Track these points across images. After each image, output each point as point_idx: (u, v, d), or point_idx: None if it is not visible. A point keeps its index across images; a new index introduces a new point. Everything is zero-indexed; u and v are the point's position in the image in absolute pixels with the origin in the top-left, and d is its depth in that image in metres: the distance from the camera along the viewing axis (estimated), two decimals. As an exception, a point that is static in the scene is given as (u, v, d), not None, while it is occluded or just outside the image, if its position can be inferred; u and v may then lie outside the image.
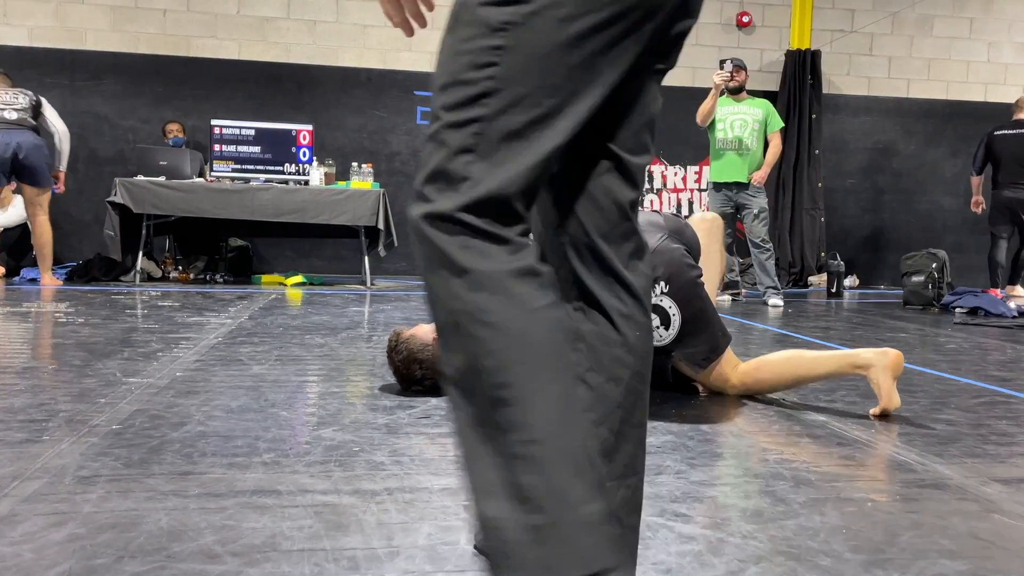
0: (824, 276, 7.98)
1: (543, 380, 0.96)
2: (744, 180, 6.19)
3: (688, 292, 2.47)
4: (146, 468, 1.74)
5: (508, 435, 0.95)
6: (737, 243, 6.58)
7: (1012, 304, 5.65)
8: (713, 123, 6.27)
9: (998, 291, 6.58)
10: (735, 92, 6.24)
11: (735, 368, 2.58)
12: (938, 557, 1.39)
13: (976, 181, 7.18)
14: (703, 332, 2.50)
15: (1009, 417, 2.50)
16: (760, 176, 6.16)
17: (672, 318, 2.47)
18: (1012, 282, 7.30)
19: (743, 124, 6.20)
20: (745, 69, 6.29)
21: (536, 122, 0.93)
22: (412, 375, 2.53)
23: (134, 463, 1.77)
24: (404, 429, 2.14)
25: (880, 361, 2.39)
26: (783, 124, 6.33)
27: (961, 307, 5.77)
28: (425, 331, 2.54)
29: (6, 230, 6.88)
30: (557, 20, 0.91)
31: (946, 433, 2.27)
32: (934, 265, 6.28)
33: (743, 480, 1.79)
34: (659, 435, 2.14)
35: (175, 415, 2.21)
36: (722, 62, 6.18)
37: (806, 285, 8.32)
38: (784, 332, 4.43)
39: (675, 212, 2.65)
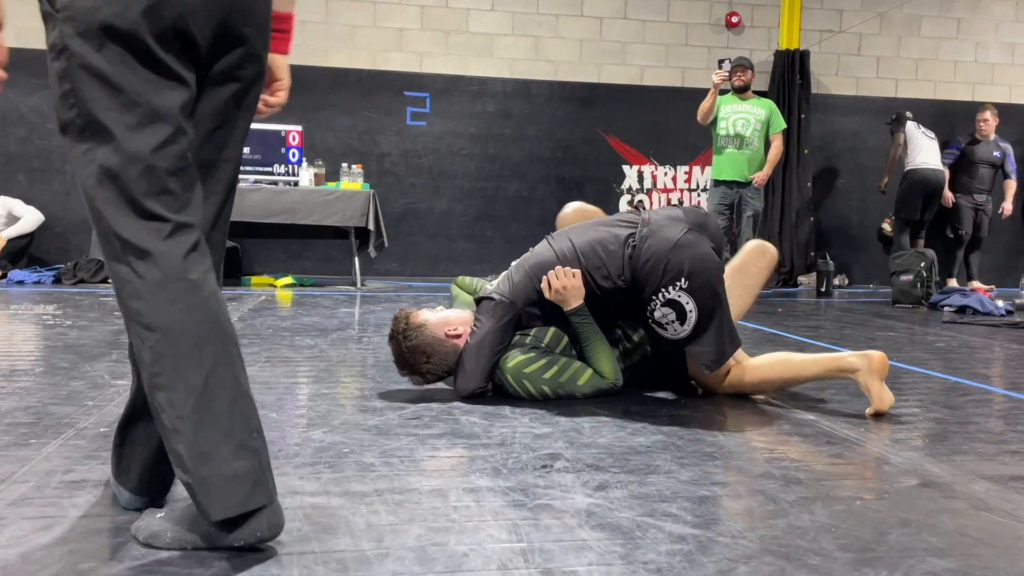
0: (814, 275, 8.01)
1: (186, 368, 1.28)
2: (743, 179, 6.21)
3: (707, 290, 2.43)
4: (134, 471, 1.73)
5: (162, 414, 1.29)
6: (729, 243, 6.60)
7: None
8: (716, 121, 6.28)
9: (986, 290, 6.63)
10: (741, 91, 6.26)
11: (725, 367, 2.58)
12: (926, 555, 1.40)
13: None
14: (714, 332, 2.45)
15: (997, 415, 2.51)
16: (761, 177, 6.17)
17: (688, 314, 2.43)
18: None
19: (745, 123, 6.23)
20: (751, 68, 6.30)
21: None
22: (417, 366, 2.49)
23: (122, 466, 1.76)
24: (394, 430, 2.13)
25: (865, 365, 2.40)
26: (786, 126, 6.35)
27: (949, 306, 5.80)
28: (436, 322, 2.50)
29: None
30: None
31: (935, 431, 2.28)
32: (922, 264, 6.31)
33: (733, 480, 1.79)
34: (649, 435, 2.14)
35: (164, 417, 2.19)
36: (720, 62, 6.21)
37: (796, 285, 8.35)
38: (775, 331, 4.44)
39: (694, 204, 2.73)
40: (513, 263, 2.68)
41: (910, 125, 7.65)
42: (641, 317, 2.56)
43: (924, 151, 7.52)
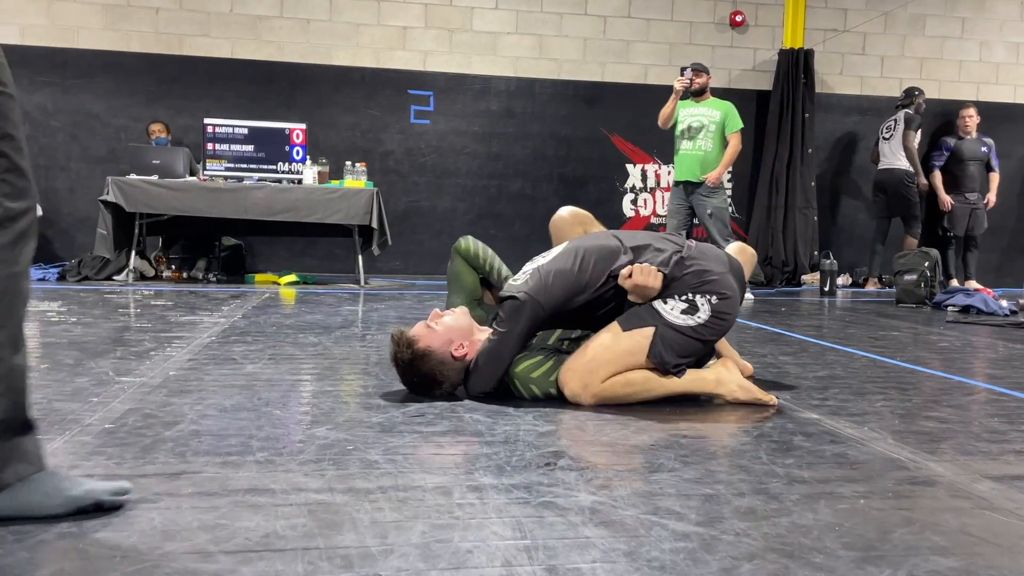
0: (817, 275, 8.00)
1: None
2: (696, 179, 6.30)
3: (723, 321, 2.44)
4: (139, 467, 1.74)
5: None
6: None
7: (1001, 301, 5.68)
8: (675, 124, 6.47)
9: (990, 290, 6.62)
10: (698, 95, 6.45)
11: (605, 376, 2.41)
12: (930, 554, 1.40)
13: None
14: (685, 353, 2.43)
15: (1001, 415, 2.51)
16: (713, 177, 6.25)
17: (698, 313, 2.41)
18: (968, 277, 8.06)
19: (699, 124, 6.37)
20: (706, 72, 6.46)
21: None
22: (429, 392, 2.43)
23: (127, 462, 1.77)
24: (398, 427, 2.13)
25: (724, 368, 2.51)
26: (742, 125, 6.49)
27: (953, 305, 5.79)
28: (440, 344, 2.38)
29: None
30: None
31: (938, 431, 2.28)
32: (926, 264, 6.30)
33: (736, 478, 1.79)
34: (652, 433, 2.15)
35: (168, 414, 2.20)
36: (683, 69, 6.42)
37: (799, 284, 8.34)
38: (778, 331, 4.44)
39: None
40: (542, 260, 2.52)
41: (881, 134, 8.06)
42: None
43: (881, 155, 7.99)
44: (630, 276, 2.41)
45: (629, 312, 2.45)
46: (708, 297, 2.42)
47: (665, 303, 2.43)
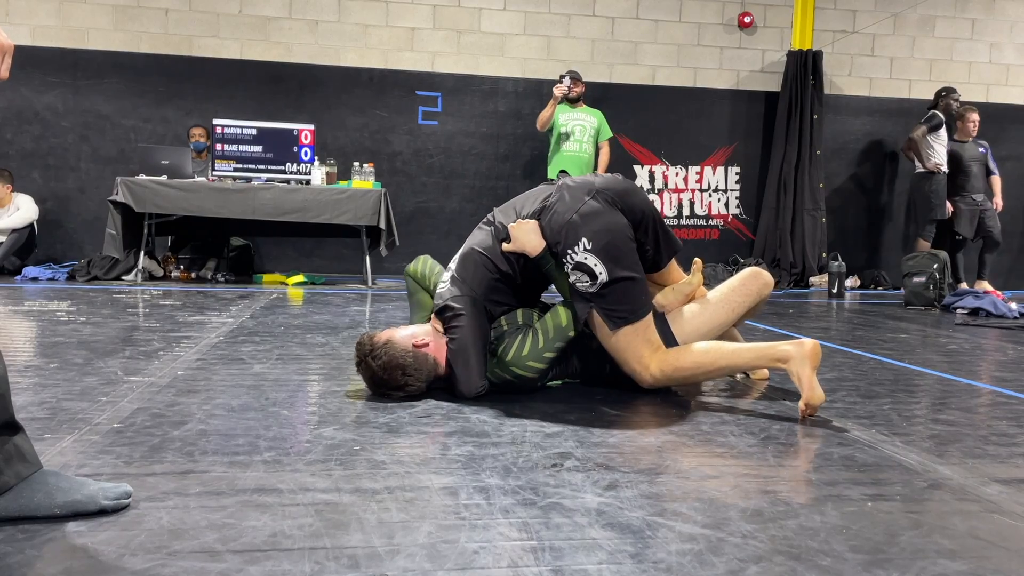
0: (825, 277, 7.98)
1: None
2: None
3: (612, 250, 2.44)
4: (147, 466, 1.75)
5: None
6: None
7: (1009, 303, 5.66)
8: (554, 127, 7.04)
9: (1000, 293, 6.60)
10: (574, 101, 7.05)
11: (655, 352, 2.51)
12: (938, 557, 1.39)
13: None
14: (628, 298, 2.46)
15: (1009, 418, 2.50)
16: None
17: (598, 275, 2.44)
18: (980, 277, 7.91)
19: (582, 129, 7.02)
20: (582, 81, 7.12)
21: None
22: (395, 381, 2.44)
23: (135, 461, 1.78)
24: (405, 428, 2.14)
25: (798, 352, 2.37)
26: (612, 134, 7.18)
27: (962, 308, 5.77)
28: (402, 336, 2.47)
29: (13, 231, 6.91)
30: None
31: (946, 434, 2.27)
32: (935, 266, 6.28)
33: (743, 480, 1.79)
34: (659, 435, 2.14)
35: (176, 413, 2.21)
36: (561, 77, 6.99)
37: (807, 286, 8.32)
38: (786, 332, 4.43)
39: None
40: (453, 263, 2.64)
41: None
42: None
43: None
44: (510, 242, 2.56)
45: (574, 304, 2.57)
46: (585, 246, 2.44)
47: (570, 280, 2.51)
